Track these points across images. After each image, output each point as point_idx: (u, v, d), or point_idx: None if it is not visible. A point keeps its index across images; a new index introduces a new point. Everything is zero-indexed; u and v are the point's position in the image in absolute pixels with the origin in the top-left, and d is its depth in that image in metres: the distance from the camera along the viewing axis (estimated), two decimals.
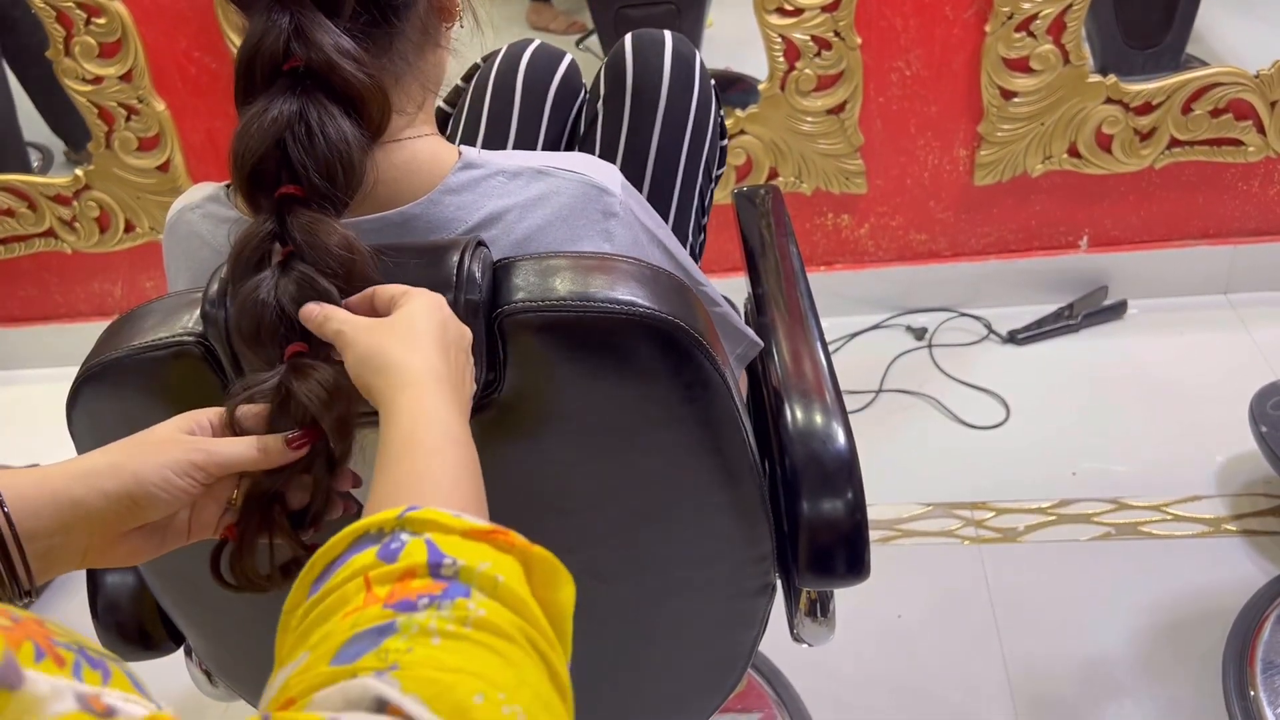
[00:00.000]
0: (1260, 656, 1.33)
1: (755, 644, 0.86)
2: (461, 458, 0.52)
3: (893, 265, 2.05)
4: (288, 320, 0.57)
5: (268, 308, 0.57)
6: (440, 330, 0.57)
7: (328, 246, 0.58)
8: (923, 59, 1.81)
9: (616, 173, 0.71)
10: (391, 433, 0.52)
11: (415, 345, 0.55)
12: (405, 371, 0.54)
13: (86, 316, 2.30)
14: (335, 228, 0.59)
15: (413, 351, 0.55)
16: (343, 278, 0.59)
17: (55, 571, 0.53)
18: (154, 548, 0.57)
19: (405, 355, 0.54)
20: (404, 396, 0.53)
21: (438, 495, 0.48)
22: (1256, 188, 1.91)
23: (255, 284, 0.58)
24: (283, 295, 0.57)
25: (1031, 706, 1.32)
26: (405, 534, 0.43)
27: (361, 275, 0.59)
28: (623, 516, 0.74)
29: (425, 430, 0.51)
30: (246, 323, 0.58)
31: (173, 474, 0.54)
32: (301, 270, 0.58)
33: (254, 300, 0.58)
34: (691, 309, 0.66)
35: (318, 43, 0.59)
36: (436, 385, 0.54)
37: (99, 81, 1.94)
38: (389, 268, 0.61)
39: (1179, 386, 1.80)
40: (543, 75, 1.02)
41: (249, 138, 0.59)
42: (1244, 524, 1.53)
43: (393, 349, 0.55)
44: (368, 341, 0.55)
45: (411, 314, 0.57)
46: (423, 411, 0.52)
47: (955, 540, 1.58)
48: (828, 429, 0.80)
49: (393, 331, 0.56)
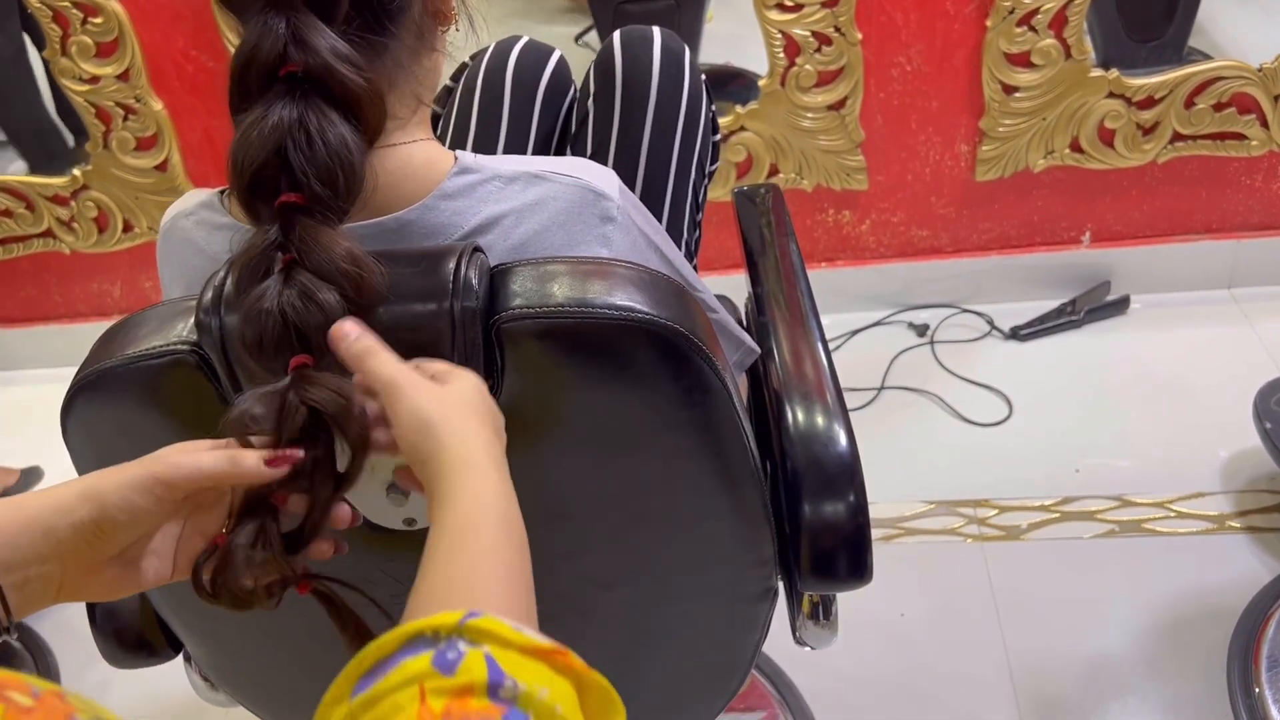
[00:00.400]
0: (1265, 653, 1.33)
1: (758, 648, 0.86)
2: (518, 556, 0.51)
3: (894, 261, 2.04)
4: (293, 331, 0.57)
5: (272, 317, 0.56)
6: (493, 415, 0.56)
7: (332, 257, 0.57)
8: (924, 54, 1.80)
9: (614, 177, 0.70)
10: (448, 515, 0.50)
11: (472, 424, 0.54)
12: (471, 450, 0.52)
13: (86, 317, 2.29)
14: (338, 238, 0.58)
15: (474, 430, 0.54)
16: (351, 289, 0.58)
17: (32, 606, 0.52)
18: (132, 581, 0.55)
19: (467, 431, 0.53)
20: (467, 477, 0.52)
21: (497, 600, 0.47)
22: (1260, 182, 1.90)
23: (259, 293, 0.57)
24: (286, 305, 0.56)
25: (1035, 705, 1.32)
26: (464, 643, 0.42)
27: (371, 288, 0.58)
28: (623, 522, 0.73)
29: (484, 520, 0.50)
30: (251, 333, 0.57)
31: (132, 492, 0.52)
32: (304, 280, 0.57)
33: (258, 310, 0.57)
34: (691, 314, 0.65)
35: (314, 47, 0.58)
36: (498, 472, 0.53)
37: (96, 81, 1.93)
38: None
39: (1182, 382, 1.79)
40: (531, 72, 1.02)
41: (249, 145, 0.58)
42: (1248, 520, 1.52)
43: (453, 420, 0.53)
44: (428, 403, 0.54)
45: (466, 391, 0.56)
46: (482, 497, 0.51)
47: (958, 538, 1.57)
48: (829, 431, 0.80)
49: (452, 403, 0.54)
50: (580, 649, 0.82)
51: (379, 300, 0.59)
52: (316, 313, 0.56)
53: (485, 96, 1.01)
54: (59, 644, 1.62)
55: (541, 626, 0.78)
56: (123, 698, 1.52)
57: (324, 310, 0.57)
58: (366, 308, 0.58)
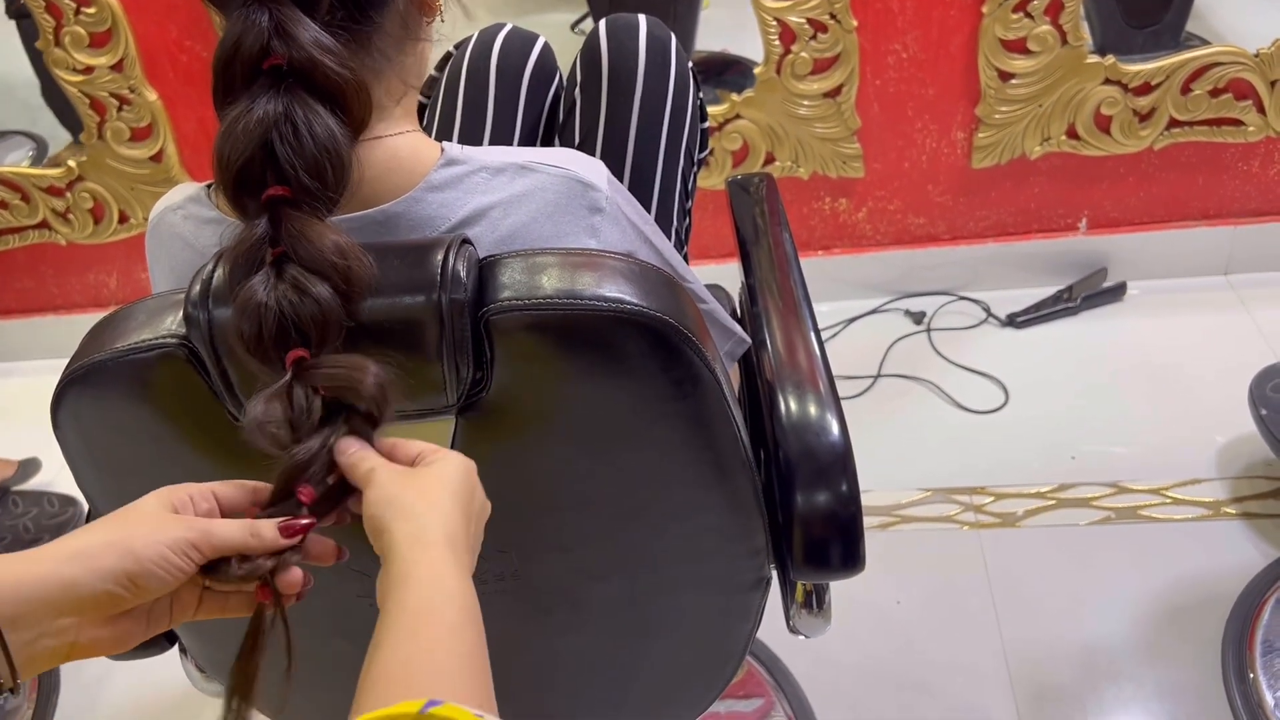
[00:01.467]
0: (1260, 639, 1.33)
1: (751, 637, 0.86)
2: (477, 640, 0.50)
3: (891, 249, 2.04)
4: (289, 322, 0.56)
5: (271, 311, 0.56)
6: (469, 498, 0.56)
7: (321, 250, 0.57)
8: (919, 41, 1.80)
9: (602, 167, 0.70)
10: (407, 595, 0.50)
11: (442, 506, 0.54)
12: (429, 530, 0.52)
13: (82, 308, 2.29)
14: (327, 231, 0.58)
15: (438, 512, 0.53)
16: (341, 281, 0.58)
17: (39, 666, 0.51)
18: (142, 631, 0.55)
19: (430, 513, 0.53)
20: (425, 556, 0.51)
21: (457, 687, 0.47)
22: (1256, 168, 1.89)
23: (252, 287, 0.57)
24: (282, 299, 0.56)
25: (1031, 691, 1.32)
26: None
27: (361, 280, 0.58)
28: (615, 514, 0.73)
29: (445, 602, 0.50)
30: (249, 327, 0.57)
31: (171, 552, 0.52)
32: (295, 274, 0.57)
33: (254, 304, 0.57)
34: (680, 305, 0.65)
35: (298, 40, 0.58)
36: (455, 553, 0.53)
37: (90, 72, 1.92)
38: None
39: (1179, 369, 1.79)
40: (517, 60, 1.01)
41: (234, 139, 0.58)
42: (1244, 507, 1.53)
43: (418, 502, 0.53)
44: (395, 486, 0.54)
45: (443, 474, 0.56)
46: (441, 579, 0.51)
47: (954, 525, 1.57)
48: (822, 421, 0.80)
49: (422, 486, 0.55)
50: (575, 641, 0.82)
51: (368, 292, 0.59)
52: (311, 306, 0.56)
53: (470, 86, 1.00)
54: None
55: (536, 620, 0.79)
56: (122, 689, 1.53)
57: (319, 304, 0.57)
58: (356, 299, 0.58)
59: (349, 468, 0.57)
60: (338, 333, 0.58)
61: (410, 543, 0.52)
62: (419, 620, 0.49)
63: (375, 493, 0.54)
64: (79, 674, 1.56)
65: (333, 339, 0.57)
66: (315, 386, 0.57)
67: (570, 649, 0.83)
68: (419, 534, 0.52)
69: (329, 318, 0.57)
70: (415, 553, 0.51)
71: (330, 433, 0.57)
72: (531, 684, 0.87)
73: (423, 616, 0.49)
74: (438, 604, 0.50)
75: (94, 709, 1.51)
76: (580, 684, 0.87)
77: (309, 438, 0.56)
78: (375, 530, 0.54)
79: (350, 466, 0.56)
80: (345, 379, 0.56)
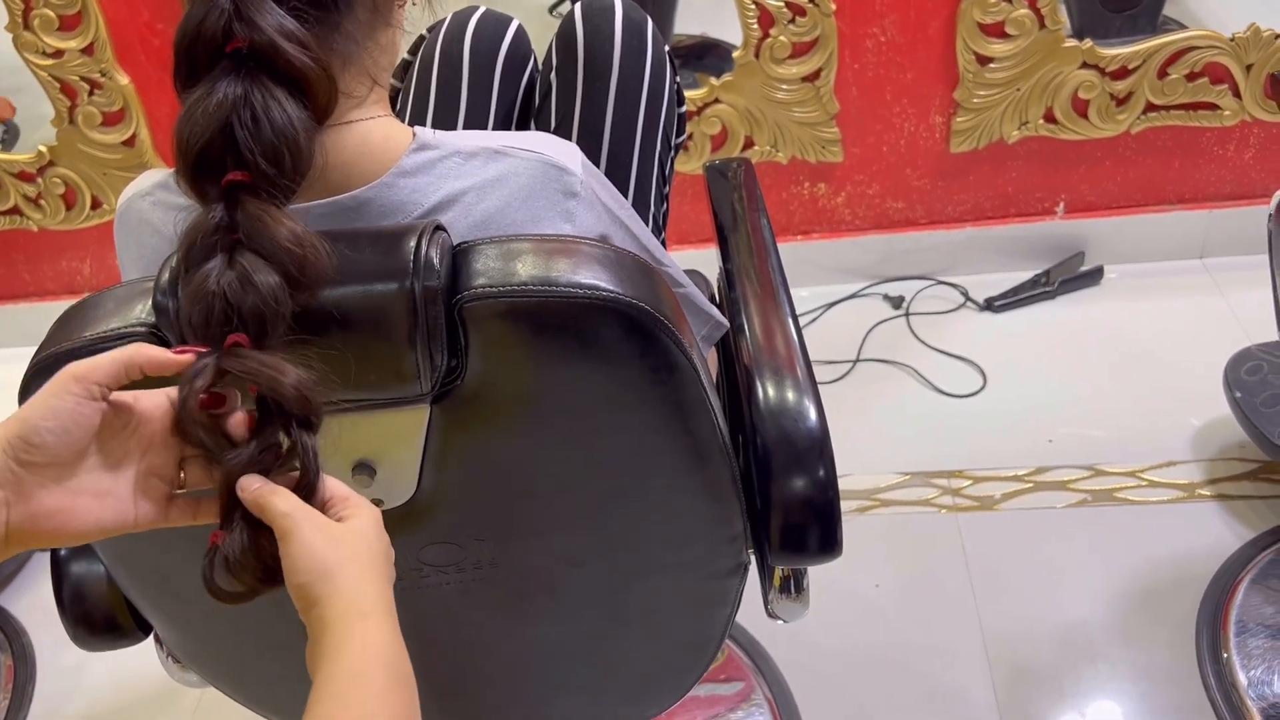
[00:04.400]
0: (1233, 619, 1.35)
1: (729, 622, 0.86)
2: (407, 698, 0.51)
3: (869, 234, 2.04)
4: (234, 311, 0.56)
5: (216, 298, 0.55)
6: (386, 558, 0.56)
7: (275, 239, 0.56)
8: (898, 25, 1.79)
9: (577, 151, 0.69)
10: (339, 664, 0.50)
11: (369, 571, 0.54)
12: (362, 603, 0.52)
13: (55, 295, 2.27)
14: (283, 220, 0.57)
15: (368, 577, 0.53)
16: (295, 270, 0.57)
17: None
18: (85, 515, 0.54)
19: (362, 579, 0.53)
20: (358, 628, 0.51)
21: None
22: (1232, 152, 1.90)
23: (204, 274, 0.56)
24: (226, 287, 0.55)
25: (1008, 672, 1.33)
26: None
27: (315, 269, 0.57)
28: (592, 500, 0.73)
29: (377, 668, 0.51)
30: (197, 314, 0.56)
31: (50, 397, 0.52)
32: (245, 262, 0.56)
33: (204, 291, 0.56)
34: (656, 291, 0.65)
35: (260, 24, 0.57)
36: (389, 620, 0.53)
37: (60, 55, 1.90)
38: (344, 254, 0.59)
39: (1155, 352, 1.81)
40: (490, 44, 1.00)
41: (193, 123, 0.57)
42: (1219, 489, 1.54)
43: (348, 567, 0.53)
44: (323, 550, 0.53)
45: (365, 533, 0.55)
46: (371, 648, 0.51)
47: (932, 509, 1.58)
48: (799, 406, 0.80)
49: (350, 548, 0.54)
50: (553, 627, 0.82)
51: (324, 282, 0.58)
52: (254, 294, 0.55)
53: (443, 70, 0.99)
54: (34, 626, 1.61)
55: (514, 606, 0.78)
56: (98, 680, 1.52)
57: (260, 292, 0.55)
58: (309, 289, 0.57)
59: (255, 506, 0.55)
60: (280, 323, 0.56)
61: (343, 619, 0.52)
62: (348, 685, 0.50)
63: (301, 558, 0.53)
64: (55, 664, 1.55)
65: (275, 329, 0.56)
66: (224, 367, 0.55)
67: (548, 636, 0.83)
68: (351, 608, 0.52)
69: (270, 308, 0.56)
70: (349, 625, 0.52)
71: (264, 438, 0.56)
72: (510, 671, 0.87)
73: (352, 681, 0.50)
74: (367, 669, 0.50)
75: (70, 698, 1.50)
76: (559, 670, 0.87)
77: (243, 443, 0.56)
78: (304, 602, 0.53)
79: (259, 506, 0.55)
80: (265, 378, 0.55)
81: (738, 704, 1.37)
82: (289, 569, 0.53)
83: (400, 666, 0.52)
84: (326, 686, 0.50)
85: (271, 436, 0.56)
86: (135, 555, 0.77)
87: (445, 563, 0.74)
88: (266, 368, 0.55)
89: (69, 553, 0.85)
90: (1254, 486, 1.53)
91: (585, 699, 0.91)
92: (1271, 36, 1.75)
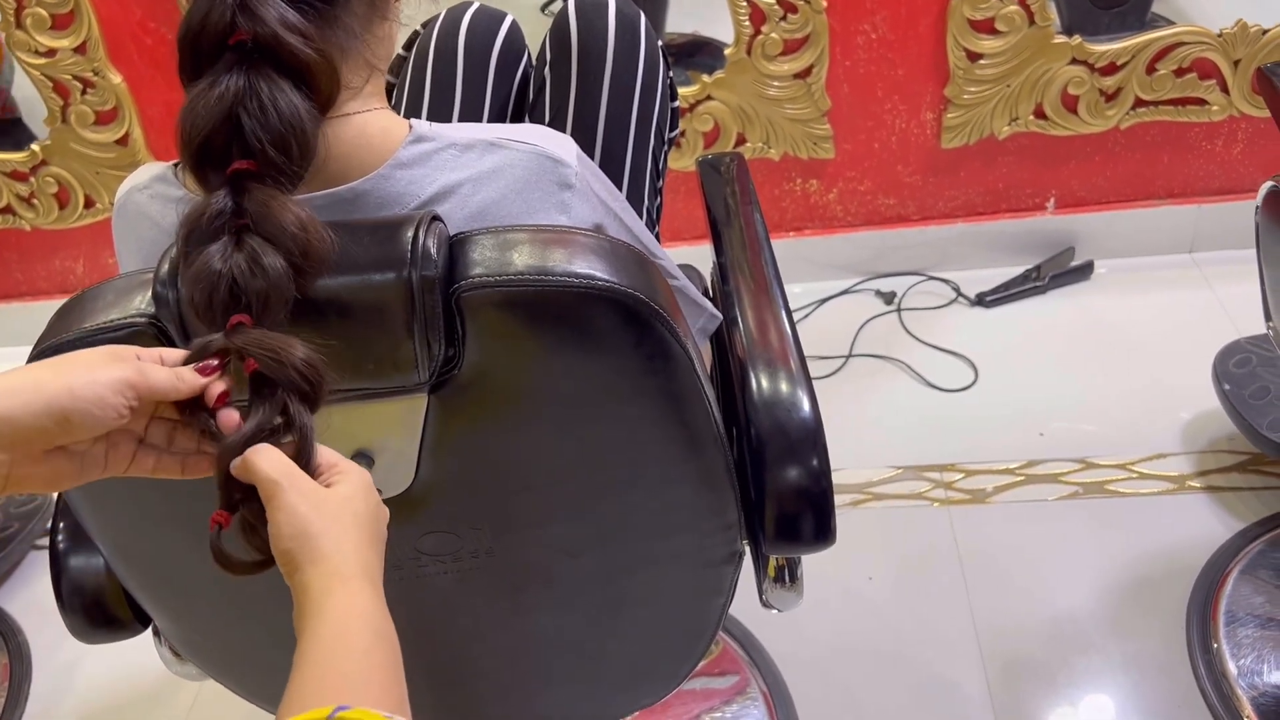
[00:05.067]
0: (1223, 610, 1.36)
1: (724, 611, 0.87)
2: (390, 657, 0.52)
3: (861, 230, 2.05)
4: (240, 292, 0.56)
5: (222, 279, 0.56)
6: (374, 519, 0.57)
7: (282, 223, 0.57)
8: (889, 22, 1.80)
9: (571, 144, 0.70)
10: (321, 627, 0.51)
11: (352, 536, 0.54)
12: (343, 567, 0.53)
13: (48, 294, 2.26)
14: (290, 205, 0.58)
15: (350, 544, 0.54)
16: (299, 255, 0.57)
17: None
18: (75, 473, 0.55)
19: (341, 547, 0.53)
20: (341, 590, 0.52)
21: (369, 697, 0.49)
22: (1220, 147, 1.92)
23: (209, 255, 0.57)
24: (235, 268, 0.56)
25: (1000, 664, 1.34)
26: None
27: (318, 255, 0.58)
28: (588, 490, 0.74)
29: (358, 628, 0.51)
30: (200, 294, 0.57)
31: (107, 390, 0.52)
32: (253, 244, 0.56)
33: (208, 271, 0.56)
34: (651, 281, 0.65)
35: (263, 16, 0.58)
36: (372, 587, 0.54)
37: (52, 54, 1.90)
38: (343, 245, 0.60)
39: (1145, 345, 1.82)
40: (484, 39, 1.01)
41: (198, 113, 0.58)
42: (1208, 480, 1.55)
43: (327, 535, 0.53)
44: (309, 510, 0.54)
45: (351, 498, 0.56)
46: (356, 609, 0.52)
47: (925, 502, 1.59)
48: (793, 397, 0.80)
49: (333, 513, 0.54)
50: (548, 617, 0.83)
51: (325, 267, 0.59)
52: (261, 277, 0.56)
53: (438, 64, 1.00)
54: (29, 624, 1.61)
55: (509, 596, 0.79)
56: (94, 678, 1.52)
57: (267, 275, 0.56)
58: (311, 274, 0.58)
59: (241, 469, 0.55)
60: (283, 306, 0.57)
61: (324, 582, 0.52)
62: (332, 646, 0.50)
63: (284, 521, 0.53)
64: (51, 661, 1.55)
65: (276, 311, 0.57)
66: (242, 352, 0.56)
67: (544, 625, 0.84)
68: (333, 572, 0.53)
69: (275, 290, 0.56)
70: (330, 588, 0.52)
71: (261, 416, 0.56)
72: (505, 660, 0.88)
73: (336, 642, 0.50)
74: (350, 629, 0.51)
75: (66, 696, 1.50)
76: (553, 659, 0.88)
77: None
78: (288, 567, 0.54)
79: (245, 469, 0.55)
80: (271, 350, 0.55)
81: (733, 697, 1.38)
82: (274, 534, 0.54)
83: (382, 628, 0.52)
84: (308, 651, 0.50)
85: (270, 414, 0.56)
86: (135, 547, 0.77)
87: (442, 552, 0.75)
88: (275, 340, 0.56)
89: (67, 546, 0.86)
90: (1243, 478, 1.54)
91: (580, 687, 0.92)
92: (1259, 32, 1.77)
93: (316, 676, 0.49)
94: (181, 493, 0.59)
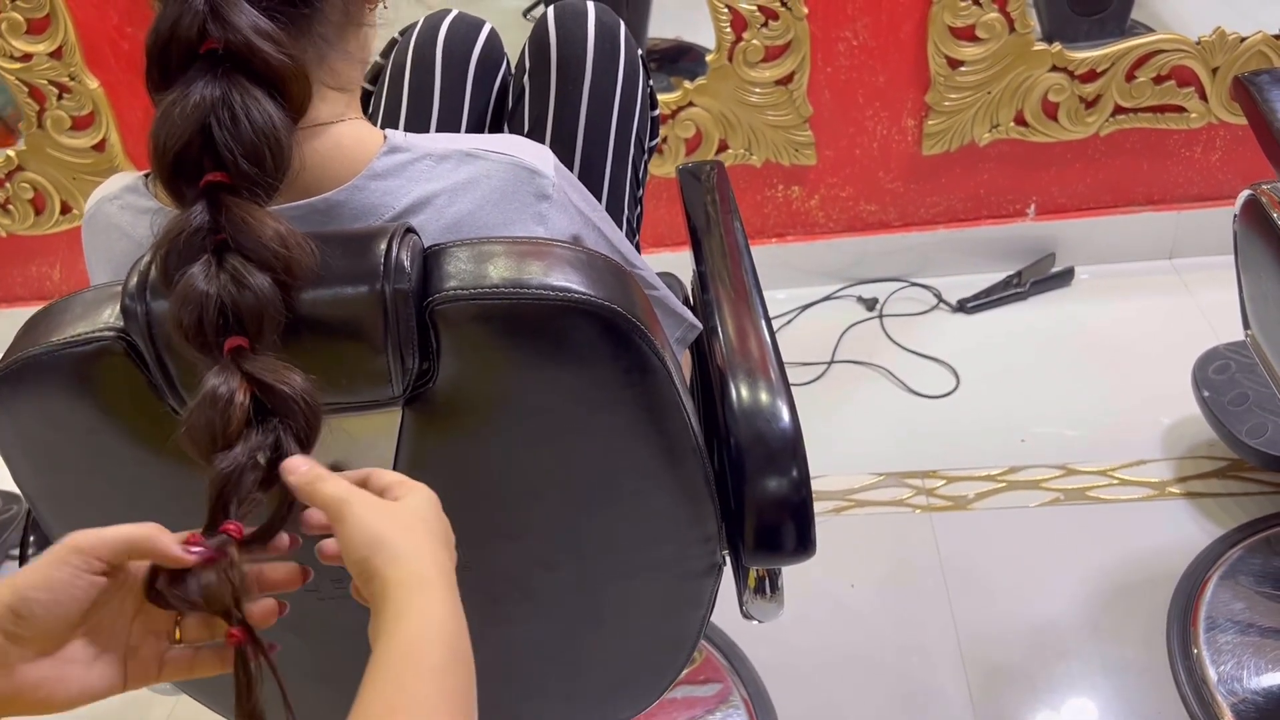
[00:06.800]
0: (1203, 616, 1.36)
1: (704, 623, 0.86)
2: (464, 682, 0.50)
3: (843, 236, 2.05)
4: (230, 312, 0.55)
5: (211, 300, 0.55)
6: (444, 530, 0.55)
7: (261, 238, 0.56)
8: (870, 29, 1.81)
9: (549, 154, 0.69)
10: (397, 634, 0.49)
11: (427, 542, 0.53)
12: (422, 567, 0.51)
13: (25, 301, 2.24)
14: (268, 219, 0.57)
15: (427, 548, 0.52)
16: (282, 271, 0.56)
17: None
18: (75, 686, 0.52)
19: (420, 549, 0.52)
20: (418, 597, 0.50)
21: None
22: (1199, 154, 1.93)
23: (193, 276, 0.55)
24: (223, 288, 0.55)
25: (982, 670, 1.34)
26: None
27: (302, 270, 0.57)
28: (566, 503, 0.73)
29: (433, 643, 0.49)
30: (189, 315, 0.55)
31: (47, 568, 0.49)
32: (235, 263, 0.55)
33: (196, 293, 0.55)
34: (628, 293, 0.65)
35: (235, 24, 0.57)
36: (449, 593, 0.51)
37: (28, 59, 1.88)
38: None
39: (1125, 352, 1.83)
40: (462, 47, 1.00)
41: (170, 125, 0.56)
42: (1188, 486, 1.56)
43: (404, 536, 0.52)
44: (377, 522, 0.52)
45: (419, 508, 0.54)
46: (433, 621, 0.50)
47: (907, 509, 1.59)
48: (772, 407, 0.80)
49: (404, 521, 0.53)
50: (526, 630, 0.82)
51: (310, 280, 0.58)
52: (250, 296, 0.55)
53: (416, 73, 0.99)
54: None
55: (487, 609, 0.78)
56: None
57: (256, 294, 0.55)
58: (297, 289, 0.57)
59: (303, 489, 0.54)
60: (276, 325, 0.56)
61: (404, 587, 0.50)
62: (405, 662, 0.48)
63: (356, 532, 0.52)
64: None
65: (270, 331, 0.56)
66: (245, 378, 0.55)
67: (522, 638, 0.83)
68: (412, 576, 0.51)
69: (267, 309, 0.56)
70: (410, 595, 0.50)
71: (260, 443, 0.55)
72: (483, 674, 0.87)
73: (409, 658, 0.48)
74: (425, 645, 0.49)
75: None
76: (533, 673, 0.87)
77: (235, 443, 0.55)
78: (364, 575, 0.51)
79: (308, 491, 0.54)
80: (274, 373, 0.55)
81: (715, 706, 1.38)
82: (346, 547, 0.52)
83: (459, 642, 0.50)
84: (384, 659, 0.48)
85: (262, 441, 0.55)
86: None
87: None
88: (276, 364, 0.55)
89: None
90: (1222, 484, 1.55)
91: (560, 701, 0.91)
92: (1237, 40, 1.78)
93: (385, 696, 0.47)
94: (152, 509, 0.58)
